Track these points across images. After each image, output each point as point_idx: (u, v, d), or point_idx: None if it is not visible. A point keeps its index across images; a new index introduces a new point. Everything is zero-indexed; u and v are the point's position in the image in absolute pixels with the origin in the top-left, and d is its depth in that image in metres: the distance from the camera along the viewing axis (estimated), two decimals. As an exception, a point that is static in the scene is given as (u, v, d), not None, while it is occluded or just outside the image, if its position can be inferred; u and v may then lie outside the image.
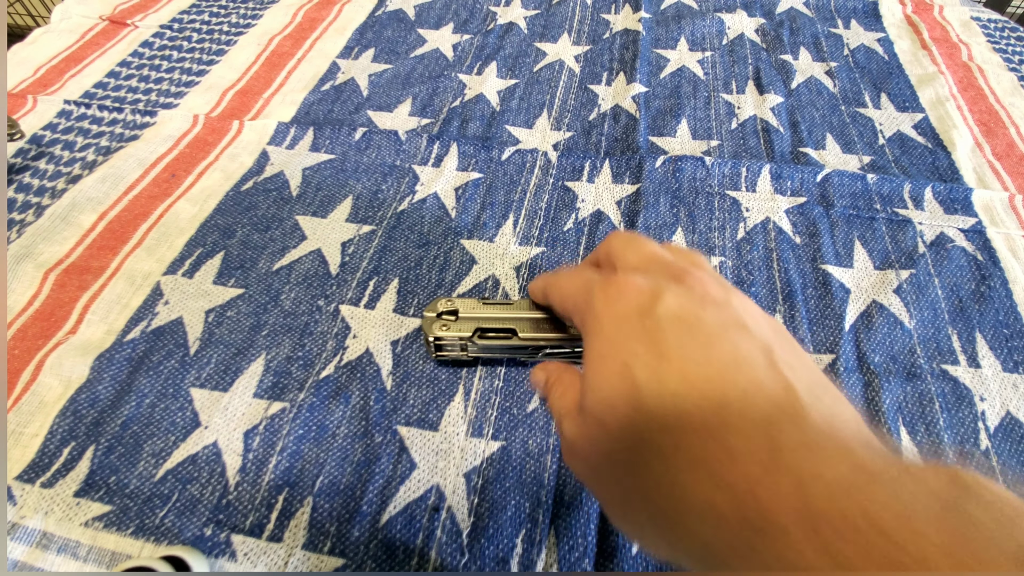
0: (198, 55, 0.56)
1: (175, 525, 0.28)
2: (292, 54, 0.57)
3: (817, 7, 0.63)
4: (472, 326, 0.32)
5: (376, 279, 0.38)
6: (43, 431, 0.31)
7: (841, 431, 0.15)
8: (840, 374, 0.33)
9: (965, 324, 0.35)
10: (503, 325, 0.32)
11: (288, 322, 0.36)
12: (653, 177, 0.44)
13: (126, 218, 0.41)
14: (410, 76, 0.54)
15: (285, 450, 0.30)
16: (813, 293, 0.37)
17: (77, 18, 0.60)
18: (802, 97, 0.52)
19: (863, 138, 0.48)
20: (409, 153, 0.46)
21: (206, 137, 0.48)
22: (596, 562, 0.27)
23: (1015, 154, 0.47)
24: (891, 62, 0.56)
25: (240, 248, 0.39)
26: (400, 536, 0.28)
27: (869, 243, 0.40)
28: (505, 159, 0.46)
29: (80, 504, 0.29)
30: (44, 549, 0.27)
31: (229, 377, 0.33)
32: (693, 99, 0.52)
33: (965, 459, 0.30)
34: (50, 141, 0.47)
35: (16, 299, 0.37)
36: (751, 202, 0.42)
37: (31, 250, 0.39)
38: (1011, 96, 0.52)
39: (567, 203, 0.42)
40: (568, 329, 0.31)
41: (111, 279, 0.38)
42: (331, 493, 0.29)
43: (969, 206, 0.42)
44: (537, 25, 0.60)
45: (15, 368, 0.33)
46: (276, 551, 0.27)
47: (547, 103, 0.52)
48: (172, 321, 0.35)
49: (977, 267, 0.38)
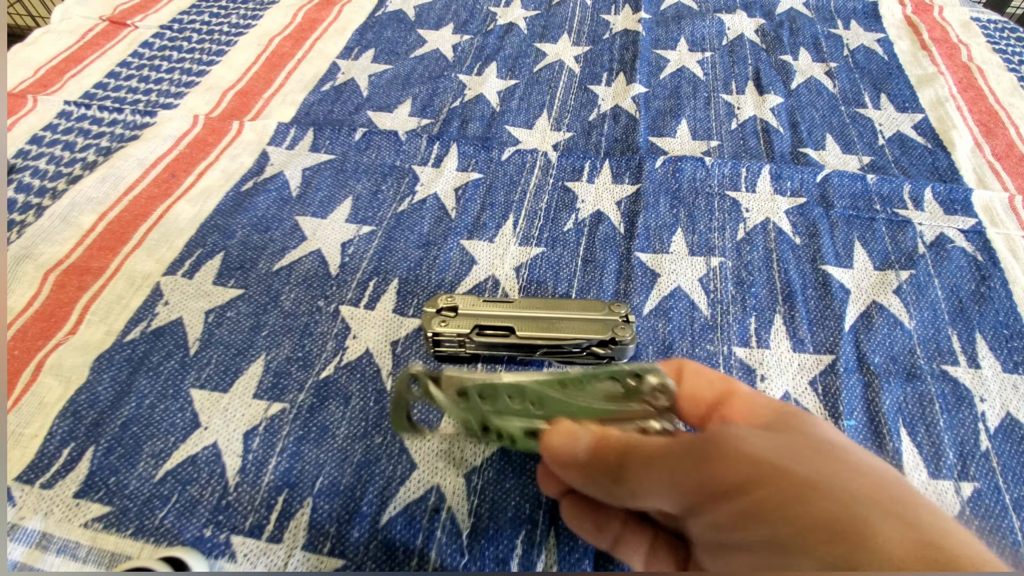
0: (198, 55, 0.56)
1: (175, 526, 0.28)
2: (292, 55, 0.57)
3: (817, 7, 0.63)
4: (471, 323, 0.32)
5: (376, 279, 0.38)
6: (43, 432, 0.31)
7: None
8: (840, 375, 0.33)
9: (965, 325, 0.35)
10: (502, 323, 0.32)
11: (288, 323, 0.36)
12: (653, 177, 0.44)
13: (126, 218, 0.41)
14: (410, 77, 0.54)
15: (285, 451, 0.30)
16: (813, 294, 0.37)
17: (77, 18, 0.60)
18: (802, 97, 0.52)
19: (863, 138, 0.48)
20: (409, 153, 0.46)
21: (206, 137, 0.48)
22: (596, 563, 0.27)
23: (1015, 154, 0.47)
24: (891, 62, 0.56)
25: (240, 248, 0.39)
26: (400, 537, 0.28)
27: (869, 244, 0.40)
28: (505, 159, 0.46)
29: (80, 505, 0.29)
30: (44, 550, 0.27)
31: (229, 378, 0.33)
32: (693, 99, 0.52)
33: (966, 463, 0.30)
34: (50, 141, 0.47)
35: (16, 300, 0.36)
36: (751, 202, 0.42)
37: (31, 251, 0.39)
38: (1011, 96, 0.52)
39: (567, 203, 0.42)
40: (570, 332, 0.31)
41: (111, 280, 0.38)
42: (331, 494, 0.29)
43: (969, 206, 0.42)
44: (537, 25, 0.60)
45: (15, 369, 0.33)
46: (276, 552, 0.27)
47: (547, 103, 0.52)
48: (172, 322, 0.35)
49: (977, 268, 0.38)
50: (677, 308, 0.36)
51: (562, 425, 0.21)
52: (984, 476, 0.30)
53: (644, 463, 0.19)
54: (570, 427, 0.21)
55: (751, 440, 0.18)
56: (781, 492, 0.16)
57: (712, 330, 0.35)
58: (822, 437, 0.18)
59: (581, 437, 0.20)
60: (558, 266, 0.39)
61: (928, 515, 0.16)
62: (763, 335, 0.35)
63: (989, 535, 0.26)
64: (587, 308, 0.33)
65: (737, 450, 0.17)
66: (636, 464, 0.19)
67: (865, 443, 0.30)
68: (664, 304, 0.36)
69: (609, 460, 0.19)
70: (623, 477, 0.19)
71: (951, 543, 0.15)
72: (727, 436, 0.18)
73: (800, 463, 0.17)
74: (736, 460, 0.17)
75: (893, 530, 0.15)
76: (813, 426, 0.19)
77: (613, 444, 0.20)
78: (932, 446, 0.31)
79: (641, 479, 0.19)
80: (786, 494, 0.16)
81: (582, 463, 0.20)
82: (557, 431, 0.21)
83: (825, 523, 0.15)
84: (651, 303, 0.36)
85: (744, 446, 0.17)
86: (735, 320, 0.36)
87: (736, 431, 0.18)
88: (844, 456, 0.17)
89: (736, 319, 0.36)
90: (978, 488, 0.29)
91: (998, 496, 0.29)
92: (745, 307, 0.36)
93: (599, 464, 0.20)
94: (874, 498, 0.16)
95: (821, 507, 0.15)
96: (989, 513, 0.28)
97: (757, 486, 0.16)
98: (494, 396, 0.23)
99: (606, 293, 0.37)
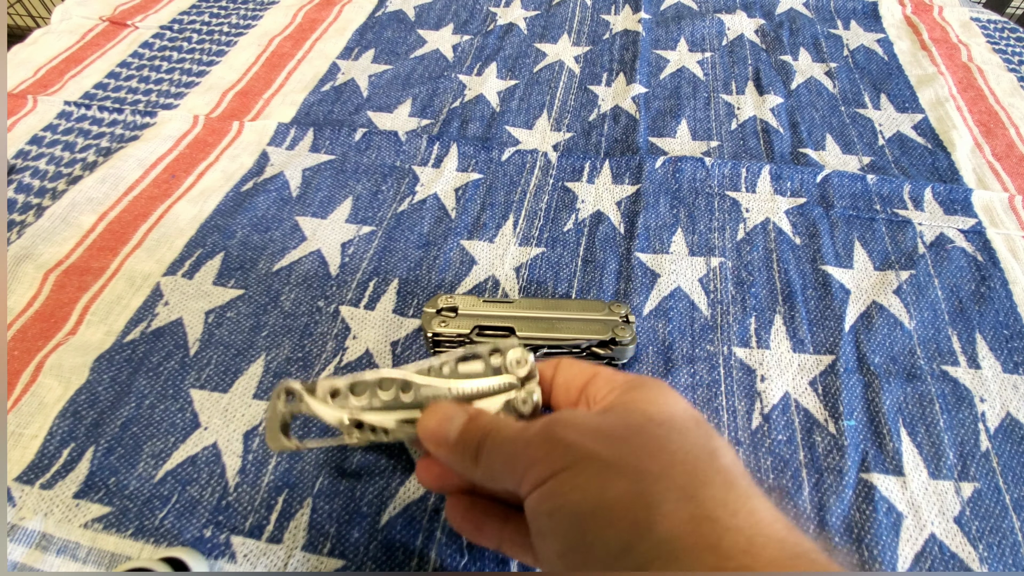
0: (198, 56, 0.56)
1: (175, 526, 0.28)
2: (292, 55, 0.57)
3: (817, 8, 0.63)
4: (471, 323, 0.32)
5: (376, 280, 0.38)
6: (43, 432, 0.31)
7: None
8: (840, 375, 0.33)
9: (965, 325, 0.35)
10: (502, 324, 0.32)
11: (288, 323, 0.36)
12: (653, 178, 0.44)
13: (126, 219, 0.41)
14: (410, 77, 0.54)
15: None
16: (813, 294, 0.37)
17: (77, 19, 0.60)
18: (802, 98, 0.52)
19: (863, 139, 0.48)
20: (409, 154, 0.46)
21: (206, 138, 0.48)
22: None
23: (1015, 155, 0.47)
24: (891, 63, 0.56)
25: (240, 249, 0.39)
26: (400, 537, 0.28)
27: (869, 244, 0.40)
28: (505, 160, 0.46)
29: (80, 505, 0.29)
30: (43, 550, 0.27)
31: (229, 378, 0.33)
32: (693, 100, 0.52)
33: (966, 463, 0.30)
34: (50, 142, 0.47)
35: (16, 300, 0.36)
36: (751, 203, 0.42)
37: (31, 251, 0.39)
38: (1011, 97, 0.52)
39: (567, 204, 0.42)
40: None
41: (111, 280, 0.38)
42: (331, 494, 0.29)
43: (969, 207, 0.42)
44: (537, 26, 0.60)
45: (15, 369, 0.33)
46: (276, 552, 0.27)
47: (547, 104, 0.52)
48: (172, 322, 0.35)
49: (977, 268, 0.38)
50: (677, 308, 0.36)
51: (439, 405, 0.22)
52: (984, 476, 0.30)
53: (497, 446, 0.20)
54: (446, 408, 0.22)
55: (574, 424, 0.19)
56: (586, 475, 0.17)
57: (712, 330, 0.35)
58: (642, 414, 0.19)
59: (455, 417, 0.21)
60: (558, 266, 0.39)
61: (711, 489, 0.17)
62: (763, 335, 0.35)
63: (781, 502, 0.25)
64: (587, 308, 0.33)
65: (558, 436, 0.18)
66: (492, 446, 0.20)
67: (865, 443, 0.30)
68: (664, 304, 0.36)
69: (473, 441, 0.20)
70: (480, 457, 0.20)
71: (725, 513, 0.16)
72: (555, 422, 0.19)
73: (609, 446, 0.18)
74: (554, 445, 0.18)
75: (675, 504, 0.16)
76: (639, 406, 0.20)
77: (479, 425, 0.21)
78: (932, 446, 0.31)
79: (493, 461, 0.20)
80: (590, 478, 0.17)
81: (452, 442, 0.21)
82: (433, 411, 0.22)
83: (614, 502, 0.16)
84: (651, 303, 0.36)
85: (565, 432, 0.18)
86: (735, 320, 0.36)
87: (564, 417, 0.19)
88: (656, 433, 0.18)
89: (736, 319, 0.36)
90: (978, 488, 0.29)
91: (998, 496, 0.29)
92: (745, 307, 0.36)
93: (464, 444, 0.20)
94: (666, 475, 0.17)
95: (615, 486, 0.17)
96: (989, 513, 0.28)
97: (567, 471, 0.17)
98: (364, 390, 0.24)
99: (606, 293, 0.37)
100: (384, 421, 0.23)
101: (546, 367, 0.24)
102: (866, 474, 0.29)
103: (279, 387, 0.25)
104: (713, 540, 0.15)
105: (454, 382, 0.23)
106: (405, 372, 0.24)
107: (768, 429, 0.31)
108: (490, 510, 0.23)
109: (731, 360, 0.34)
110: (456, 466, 0.21)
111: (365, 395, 0.24)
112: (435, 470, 0.24)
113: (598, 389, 0.22)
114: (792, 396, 0.32)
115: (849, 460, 0.30)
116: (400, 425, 0.23)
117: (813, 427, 0.31)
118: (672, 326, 0.35)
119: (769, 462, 0.30)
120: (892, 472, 0.29)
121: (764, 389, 0.33)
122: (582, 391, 0.23)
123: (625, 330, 0.31)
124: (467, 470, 0.21)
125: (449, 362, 0.24)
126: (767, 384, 0.33)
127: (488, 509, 0.23)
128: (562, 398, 0.24)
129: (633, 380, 0.22)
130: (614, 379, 0.22)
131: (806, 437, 0.31)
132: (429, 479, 0.24)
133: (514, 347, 0.23)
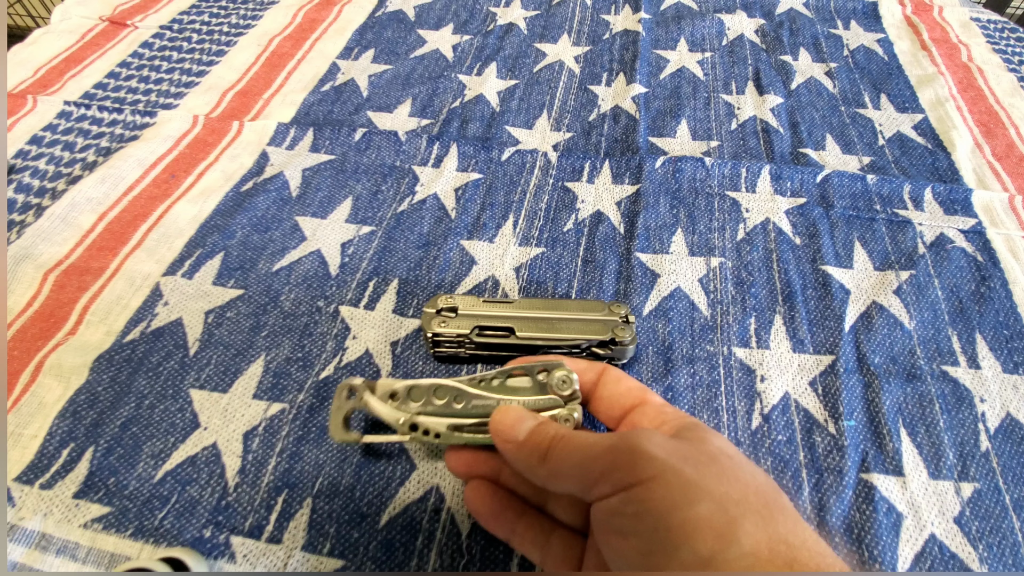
0: (198, 56, 0.56)
1: (174, 527, 0.28)
2: (292, 55, 0.57)
3: (817, 8, 0.63)
4: (471, 324, 0.32)
5: (376, 280, 0.38)
6: (42, 432, 0.31)
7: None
8: (840, 375, 0.33)
9: (965, 325, 0.35)
10: (502, 324, 0.32)
11: (288, 323, 0.36)
12: (653, 178, 0.44)
13: (126, 219, 0.41)
14: (410, 77, 0.54)
15: (284, 451, 0.30)
16: (813, 294, 0.37)
17: (77, 19, 0.60)
18: (802, 98, 0.52)
19: (863, 139, 0.48)
20: (409, 154, 0.46)
21: (206, 138, 0.48)
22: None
23: (1015, 155, 0.47)
24: (891, 63, 0.56)
25: (240, 249, 0.39)
26: (400, 537, 0.28)
27: (869, 244, 0.40)
28: (505, 160, 0.46)
29: (79, 505, 0.29)
30: (43, 551, 0.27)
31: (228, 378, 0.33)
32: (693, 100, 0.52)
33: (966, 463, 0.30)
34: (50, 142, 0.47)
35: (16, 300, 0.36)
36: (751, 203, 0.42)
37: (31, 251, 0.39)
38: (1011, 97, 0.52)
39: (567, 204, 0.42)
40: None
41: (111, 280, 0.38)
42: (331, 494, 0.29)
43: (969, 207, 0.42)
44: (537, 26, 0.60)
45: (15, 369, 0.33)
46: (275, 552, 0.27)
47: (547, 104, 0.52)
48: (172, 322, 0.35)
49: (977, 268, 0.38)
50: (677, 308, 0.36)
51: (512, 408, 0.25)
52: (984, 476, 0.30)
53: (569, 450, 0.22)
54: (519, 411, 0.25)
55: (657, 442, 0.21)
56: (671, 488, 0.19)
57: (712, 330, 0.35)
58: (714, 447, 0.22)
59: (526, 420, 0.24)
60: (558, 266, 0.39)
61: (783, 517, 0.20)
62: (763, 335, 0.35)
63: (833, 538, 0.28)
64: (587, 309, 0.33)
65: (645, 450, 0.20)
66: (562, 450, 0.22)
67: (865, 443, 0.30)
68: (664, 304, 0.36)
69: (542, 443, 0.23)
70: (548, 459, 0.22)
71: (797, 540, 0.19)
72: (640, 437, 0.21)
73: (693, 467, 0.20)
74: (643, 457, 0.20)
75: (754, 527, 0.19)
76: (708, 440, 0.22)
77: (548, 429, 0.23)
78: (932, 446, 0.31)
79: (562, 463, 0.22)
80: (675, 491, 0.19)
81: (520, 441, 0.23)
82: (507, 411, 0.25)
83: (702, 519, 0.19)
84: (651, 303, 0.36)
85: (652, 447, 0.21)
86: (735, 320, 0.36)
87: (648, 435, 0.21)
88: (728, 464, 0.21)
89: (736, 319, 0.36)
90: (978, 488, 0.29)
91: (998, 496, 0.29)
92: (745, 307, 0.36)
93: (532, 445, 0.23)
94: (745, 501, 0.20)
95: (702, 505, 0.19)
96: (989, 513, 0.28)
97: (654, 481, 0.20)
98: (421, 395, 0.27)
99: (606, 293, 0.37)
100: (437, 425, 0.26)
101: (587, 369, 0.27)
102: (866, 474, 0.29)
103: (343, 384, 0.28)
104: (788, 560, 0.18)
105: (504, 396, 0.26)
106: (459, 383, 0.27)
107: (768, 429, 0.31)
108: (509, 502, 0.26)
109: (731, 360, 0.34)
110: (519, 463, 0.23)
111: (421, 400, 0.27)
112: (465, 458, 0.26)
113: (647, 418, 0.25)
114: (792, 396, 0.32)
115: (849, 460, 0.30)
116: (450, 431, 0.26)
117: (813, 427, 0.31)
118: (672, 326, 0.35)
119: (769, 462, 0.30)
120: (892, 472, 0.29)
121: (764, 389, 0.33)
122: (628, 412, 0.25)
123: (625, 330, 0.31)
124: (530, 468, 0.23)
125: (499, 377, 0.27)
126: (767, 384, 0.33)
127: (507, 500, 0.26)
128: (603, 412, 0.26)
129: (684, 416, 0.25)
130: (664, 411, 0.25)
131: (806, 437, 0.31)
132: (458, 465, 0.27)
133: (560, 368, 0.26)
